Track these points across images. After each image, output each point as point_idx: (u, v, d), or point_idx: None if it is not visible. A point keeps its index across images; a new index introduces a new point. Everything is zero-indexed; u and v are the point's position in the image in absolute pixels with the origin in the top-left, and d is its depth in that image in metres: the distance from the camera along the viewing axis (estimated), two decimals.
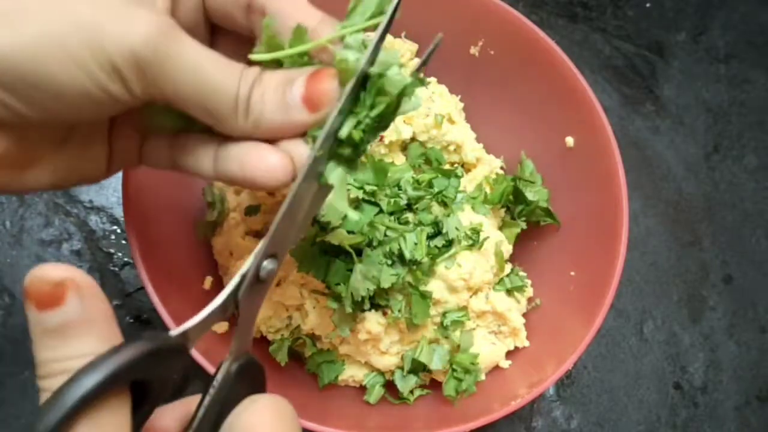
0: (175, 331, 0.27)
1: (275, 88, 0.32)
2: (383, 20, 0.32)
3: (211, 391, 0.29)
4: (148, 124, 0.35)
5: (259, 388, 0.32)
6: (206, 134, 0.35)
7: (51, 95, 0.29)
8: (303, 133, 0.33)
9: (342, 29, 0.33)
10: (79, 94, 0.29)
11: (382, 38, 0.32)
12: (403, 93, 0.33)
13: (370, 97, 0.32)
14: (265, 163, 0.33)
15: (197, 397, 0.29)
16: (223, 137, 0.34)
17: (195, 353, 0.42)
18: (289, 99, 0.32)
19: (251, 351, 0.32)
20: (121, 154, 0.37)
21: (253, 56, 0.33)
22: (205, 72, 0.30)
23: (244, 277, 0.31)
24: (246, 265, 0.31)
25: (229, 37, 0.37)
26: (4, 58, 0.28)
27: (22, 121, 0.30)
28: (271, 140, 0.33)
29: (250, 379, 0.31)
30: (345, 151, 0.33)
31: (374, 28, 0.33)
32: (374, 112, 0.32)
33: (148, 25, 0.29)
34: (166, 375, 0.26)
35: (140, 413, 0.25)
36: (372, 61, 0.32)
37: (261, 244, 0.31)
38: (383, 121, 0.33)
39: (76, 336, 0.23)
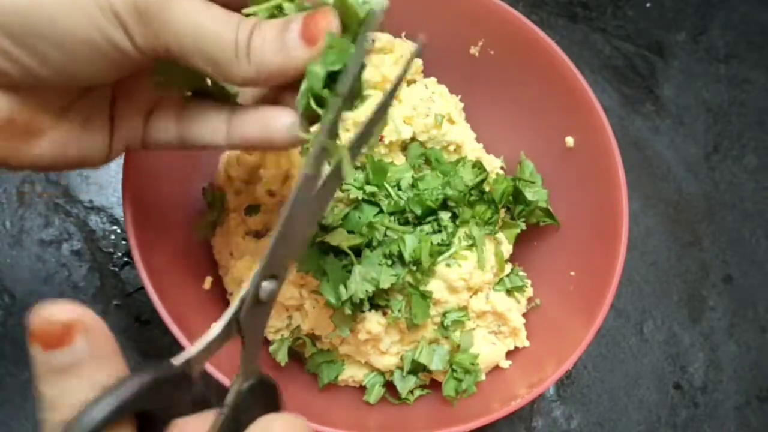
0: (177, 359, 0.27)
1: (274, 31, 0.33)
2: None
3: (224, 410, 0.29)
4: (159, 81, 0.36)
5: (274, 406, 0.31)
6: (213, 103, 0.36)
7: (58, 46, 0.30)
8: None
9: None
10: (85, 43, 0.30)
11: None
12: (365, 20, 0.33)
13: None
14: (281, 122, 0.35)
15: (212, 413, 0.29)
16: (231, 105, 0.35)
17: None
18: (287, 40, 0.33)
19: (261, 370, 0.32)
20: (123, 132, 0.37)
21: (247, 10, 0.34)
22: (204, 19, 0.31)
23: (243, 301, 0.30)
24: (243, 289, 0.31)
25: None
26: (12, 10, 0.29)
27: (29, 78, 0.31)
28: (275, 89, 0.35)
29: (263, 397, 0.31)
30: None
31: None
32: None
33: None
34: (171, 404, 0.26)
35: None
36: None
37: (259, 266, 0.31)
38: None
39: (83, 374, 0.23)
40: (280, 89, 0.36)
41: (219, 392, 0.30)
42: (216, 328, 0.30)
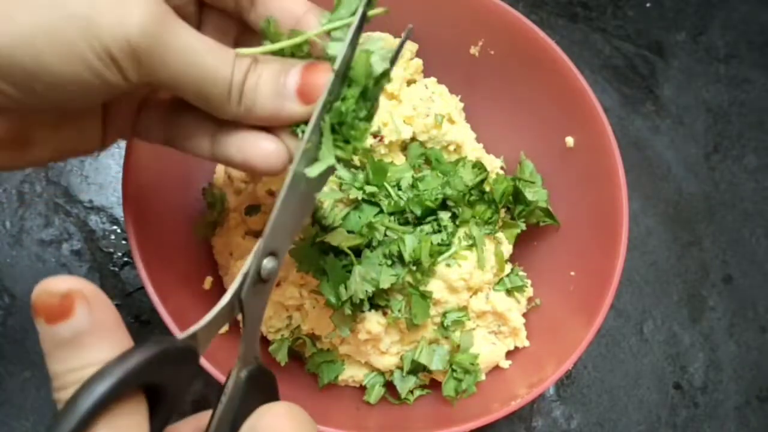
0: (183, 334, 0.27)
1: (270, 76, 0.33)
2: (357, 14, 0.33)
3: (223, 399, 0.29)
4: None
5: (271, 396, 0.32)
6: (201, 115, 0.35)
7: (48, 84, 0.29)
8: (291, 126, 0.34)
9: (329, 23, 0.33)
10: (75, 82, 0.29)
11: (358, 29, 0.33)
12: (380, 79, 0.33)
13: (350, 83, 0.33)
14: (262, 148, 0.34)
15: (209, 412, 0.29)
16: (220, 121, 0.35)
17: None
18: (283, 90, 0.33)
19: (260, 356, 0.32)
20: (115, 128, 0.37)
21: (241, 50, 0.34)
22: (200, 58, 0.31)
23: (246, 276, 0.31)
24: (246, 264, 0.31)
25: (215, 14, 0.37)
26: (2, 51, 0.28)
27: (20, 107, 0.30)
28: (264, 128, 0.34)
29: (261, 386, 0.31)
30: (339, 138, 0.33)
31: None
32: (352, 92, 0.33)
33: (142, 13, 0.29)
34: (179, 379, 0.26)
35: (158, 418, 0.26)
36: (352, 49, 0.33)
37: (259, 243, 0.31)
38: (367, 103, 0.34)
39: (87, 345, 0.23)
40: None
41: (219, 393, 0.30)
42: (219, 304, 0.30)
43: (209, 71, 0.31)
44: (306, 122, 0.33)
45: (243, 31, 0.38)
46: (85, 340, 0.23)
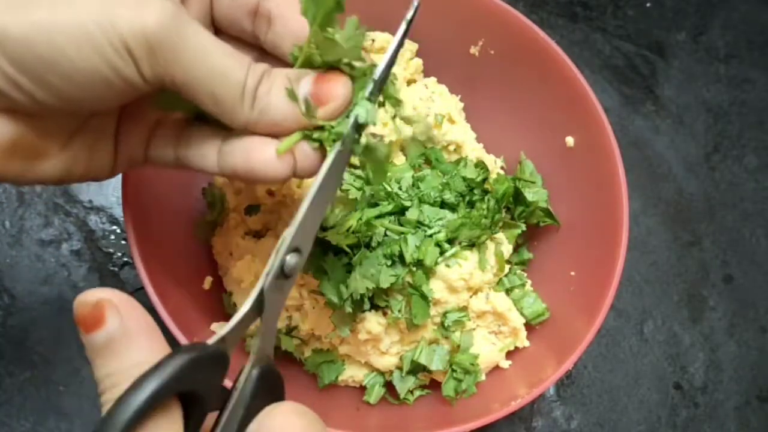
0: (213, 339, 0.28)
1: (283, 83, 0.33)
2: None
3: (234, 394, 0.29)
4: (159, 104, 0.36)
5: (278, 396, 0.32)
6: (211, 128, 0.35)
7: (65, 77, 0.30)
8: (306, 135, 0.34)
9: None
10: (92, 75, 0.30)
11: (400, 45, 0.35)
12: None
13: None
14: (268, 154, 0.34)
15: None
16: (227, 132, 0.35)
17: None
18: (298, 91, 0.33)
19: (272, 355, 0.32)
20: (126, 151, 0.37)
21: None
22: (215, 58, 0.31)
23: (269, 272, 0.31)
24: (270, 260, 0.31)
25: (232, 42, 0.37)
26: (21, 40, 0.28)
27: (35, 105, 0.31)
28: (272, 135, 0.34)
29: (270, 386, 0.31)
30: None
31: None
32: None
33: (160, 9, 0.30)
34: (211, 383, 0.27)
35: (193, 421, 0.26)
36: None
37: (283, 238, 0.31)
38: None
39: (121, 350, 0.25)
40: None
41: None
42: (246, 304, 0.30)
43: (223, 72, 0.31)
44: (318, 128, 0.34)
45: (260, 58, 0.37)
46: (119, 345, 0.25)
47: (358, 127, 0.34)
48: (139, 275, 0.44)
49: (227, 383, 0.29)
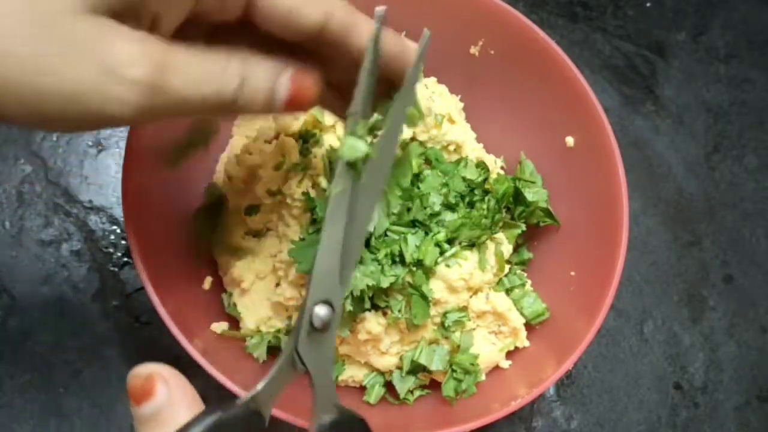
0: (243, 397, 0.28)
1: (264, 77, 0.33)
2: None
3: None
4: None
5: None
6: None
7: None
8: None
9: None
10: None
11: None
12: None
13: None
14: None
15: None
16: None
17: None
18: (274, 93, 0.33)
19: (340, 404, 0.31)
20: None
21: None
22: (201, 82, 0.31)
23: (298, 331, 0.30)
24: (297, 317, 0.31)
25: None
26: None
27: None
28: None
29: None
30: None
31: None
32: None
33: (136, 91, 0.29)
34: None
35: None
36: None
37: (307, 291, 0.31)
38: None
39: (167, 420, 0.26)
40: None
41: None
42: (276, 363, 0.29)
43: (210, 88, 0.31)
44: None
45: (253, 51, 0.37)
46: (165, 416, 0.26)
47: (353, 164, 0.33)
48: (139, 275, 0.44)
49: None
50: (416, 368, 0.51)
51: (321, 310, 0.31)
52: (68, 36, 0.28)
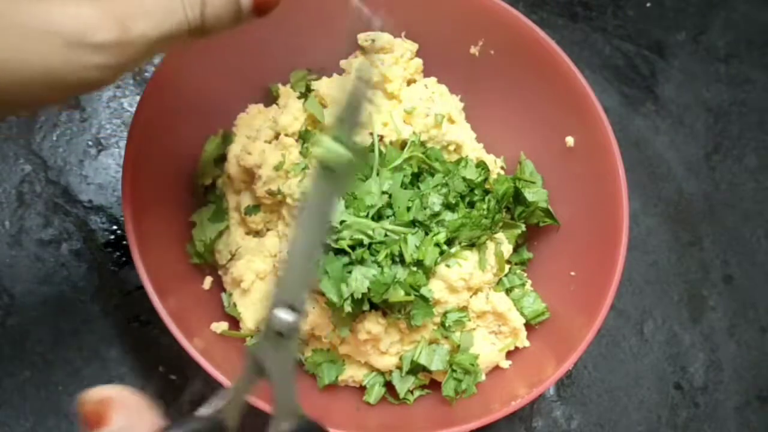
0: (207, 411, 0.27)
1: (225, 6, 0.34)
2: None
3: None
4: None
5: None
6: None
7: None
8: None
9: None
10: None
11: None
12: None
13: None
14: None
15: None
16: None
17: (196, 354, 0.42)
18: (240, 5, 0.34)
19: (302, 411, 0.29)
20: None
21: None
22: (164, 20, 0.32)
23: (262, 333, 0.29)
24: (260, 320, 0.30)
25: None
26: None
27: None
28: None
29: None
30: None
31: None
32: None
33: (109, 53, 0.30)
34: None
35: None
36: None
37: (270, 297, 0.30)
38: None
39: None
40: None
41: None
42: (239, 375, 0.28)
43: (171, 26, 0.32)
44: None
45: None
46: None
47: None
48: (139, 275, 0.44)
49: None
50: (416, 368, 0.51)
51: (286, 316, 0.29)
52: (21, 16, 0.28)
